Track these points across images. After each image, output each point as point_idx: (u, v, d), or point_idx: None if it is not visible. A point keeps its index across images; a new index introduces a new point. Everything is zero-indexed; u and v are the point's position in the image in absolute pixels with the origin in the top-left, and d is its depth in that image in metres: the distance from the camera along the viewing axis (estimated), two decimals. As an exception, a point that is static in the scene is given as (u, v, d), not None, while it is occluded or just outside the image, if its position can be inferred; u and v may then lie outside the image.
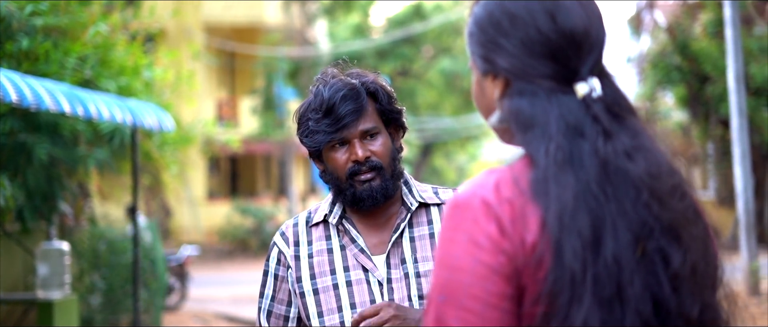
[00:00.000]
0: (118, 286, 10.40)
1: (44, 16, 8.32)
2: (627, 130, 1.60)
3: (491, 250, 1.53)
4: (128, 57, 9.42)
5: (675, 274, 1.55)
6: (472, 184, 1.59)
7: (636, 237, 1.54)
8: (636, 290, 1.52)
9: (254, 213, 26.12)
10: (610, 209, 1.53)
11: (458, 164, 66.68)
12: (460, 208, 1.57)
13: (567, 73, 1.61)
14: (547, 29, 1.61)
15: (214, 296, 16.71)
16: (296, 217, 2.75)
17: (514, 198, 1.55)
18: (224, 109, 30.40)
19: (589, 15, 1.64)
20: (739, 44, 9.80)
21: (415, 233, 2.66)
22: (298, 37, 28.99)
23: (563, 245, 1.51)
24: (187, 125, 12.79)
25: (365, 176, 2.60)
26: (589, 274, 1.50)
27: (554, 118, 1.58)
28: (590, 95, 1.60)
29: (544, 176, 1.55)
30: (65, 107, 6.76)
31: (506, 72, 1.64)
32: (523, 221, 1.53)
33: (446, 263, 1.55)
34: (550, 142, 1.56)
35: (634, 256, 1.53)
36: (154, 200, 21.89)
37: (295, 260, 2.67)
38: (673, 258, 1.56)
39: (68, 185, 9.65)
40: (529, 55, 1.62)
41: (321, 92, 2.63)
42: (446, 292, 1.54)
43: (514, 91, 1.63)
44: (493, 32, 1.65)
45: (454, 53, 35.23)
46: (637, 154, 1.58)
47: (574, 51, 1.62)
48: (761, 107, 16.53)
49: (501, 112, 1.65)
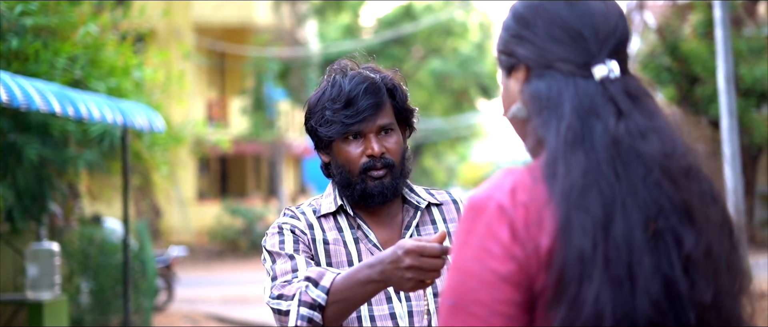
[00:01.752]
0: (108, 287, 10.38)
1: (34, 16, 8.30)
2: (643, 111, 1.61)
3: (501, 258, 1.53)
4: (118, 57, 9.40)
5: (687, 255, 1.54)
6: (488, 186, 1.60)
7: (647, 216, 1.53)
8: (645, 270, 1.51)
9: (244, 213, 26.09)
10: (620, 188, 1.53)
11: (448, 165, 66.70)
12: (474, 210, 1.58)
13: (586, 56, 1.63)
14: (567, 14, 1.65)
15: (204, 297, 16.68)
16: (299, 207, 2.68)
17: (530, 201, 1.55)
18: (214, 109, 30.35)
19: (608, 6, 1.68)
20: (729, 45, 9.82)
21: (422, 232, 2.65)
22: (288, 37, 28.97)
23: (572, 223, 1.50)
24: (177, 125, 12.76)
25: (378, 173, 2.58)
26: (600, 252, 1.50)
27: (568, 97, 1.59)
28: (608, 77, 1.62)
29: (554, 157, 1.55)
30: (56, 107, 6.74)
31: (526, 60, 1.66)
32: (539, 224, 1.53)
33: (458, 266, 1.56)
34: (561, 122, 1.57)
35: (644, 236, 1.52)
36: (143, 201, 21.84)
37: (312, 242, 2.60)
38: (686, 239, 1.55)
39: (58, 186, 9.62)
40: (549, 40, 1.65)
41: (339, 83, 2.60)
42: (455, 296, 1.55)
43: (533, 76, 1.65)
44: (517, 27, 1.69)
45: (444, 54, 35.24)
46: (652, 134, 1.58)
47: (592, 35, 1.64)
48: (751, 108, 16.59)
49: (521, 100, 1.67)
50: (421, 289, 2.28)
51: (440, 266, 2.23)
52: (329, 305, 2.35)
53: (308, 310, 2.35)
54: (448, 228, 2.68)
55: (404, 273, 2.23)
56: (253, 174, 34.42)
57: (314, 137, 2.66)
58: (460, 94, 38.38)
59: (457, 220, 2.70)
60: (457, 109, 40.81)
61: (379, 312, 2.54)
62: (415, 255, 2.21)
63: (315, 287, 2.35)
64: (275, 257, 2.54)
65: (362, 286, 2.31)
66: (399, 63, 31.78)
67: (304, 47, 30.53)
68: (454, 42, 34.89)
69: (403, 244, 2.24)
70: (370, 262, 2.31)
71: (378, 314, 2.54)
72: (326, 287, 2.34)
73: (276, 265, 2.52)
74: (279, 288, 2.44)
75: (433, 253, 2.21)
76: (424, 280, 2.24)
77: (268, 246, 2.57)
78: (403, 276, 2.23)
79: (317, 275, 2.37)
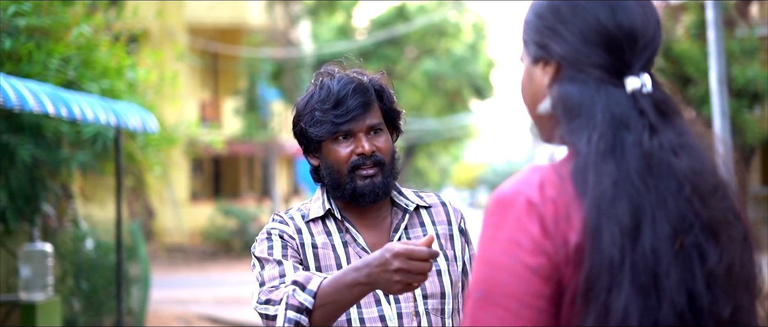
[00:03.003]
0: (101, 288, 10.36)
1: (27, 17, 8.29)
2: (673, 128, 1.62)
3: (532, 251, 1.54)
4: (111, 58, 9.38)
5: (710, 271, 1.56)
6: (516, 181, 1.60)
7: (675, 230, 1.55)
8: (672, 282, 1.53)
9: (237, 214, 26.08)
10: (650, 200, 1.55)
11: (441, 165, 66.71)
12: (503, 205, 1.58)
13: (620, 66, 1.63)
14: (607, 20, 1.64)
15: (197, 297, 16.68)
16: (287, 212, 2.69)
17: (558, 196, 1.56)
18: (207, 110, 30.33)
19: (648, 15, 1.67)
20: (722, 46, 9.84)
21: (411, 235, 2.66)
22: (282, 38, 28.96)
23: (601, 231, 1.52)
24: (170, 126, 12.75)
25: (368, 171, 2.60)
26: (628, 261, 1.51)
27: (601, 108, 1.60)
28: (640, 90, 1.62)
29: (585, 164, 1.56)
30: (49, 108, 6.73)
31: (559, 57, 1.65)
32: (568, 220, 1.55)
33: (487, 260, 1.57)
34: (593, 131, 1.58)
35: (671, 249, 1.54)
36: (137, 201, 21.82)
37: (301, 247, 2.61)
38: (710, 255, 1.57)
39: (51, 187, 9.61)
40: (584, 43, 1.64)
41: (327, 84, 2.63)
42: (485, 289, 1.56)
43: (564, 77, 1.64)
44: (552, 18, 1.67)
45: (437, 54, 35.26)
46: (682, 151, 1.60)
47: (629, 45, 1.64)
48: (743, 109, 16.61)
49: (551, 99, 1.66)
50: (409, 292, 2.30)
51: (428, 269, 2.24)
52: (316, 308, 2.36)
53: (295, 313, 2.36)
54: (436, 230, 2.69)
55: (392, 276, 2.24)
56: (246, 175, 34.41)
57: (303, 140, 2.67)
58: (453, 94, 38.41)
59: (445, 223, 2.71)
60: (450, 110, 40.83)
61: (369, 314, 2.55)
62: (404, 258, 2.23)
63: (302, 291, 2.37)
64: (264, 263, 2.55)
65: (349, 289, 2.32)
66: (392, 64, 31.81)
67: (297, 48, 30.53)
68: (447, 43, 34.92)
69: (391, 247, 2.25)
70: (356, 265, 2.32)
71: (367, 317, 2.55)
72: (313, 291, 2.36)
73: (264, 271, 2.53)
74: (266, 293, 2.46)
75: (421, 256, 2.22)
76: (412, 283, 2.25)
77: (257, 252, 2.59)
78: (391, 279, 2.24)
79: (304, 279, 2.38)
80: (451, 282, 2.63)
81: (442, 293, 2.61)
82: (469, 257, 2.72)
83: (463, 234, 2.73)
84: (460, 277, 2.68)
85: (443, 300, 2.61)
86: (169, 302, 15.46)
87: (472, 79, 37.24)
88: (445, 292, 2.62)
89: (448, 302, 2.62)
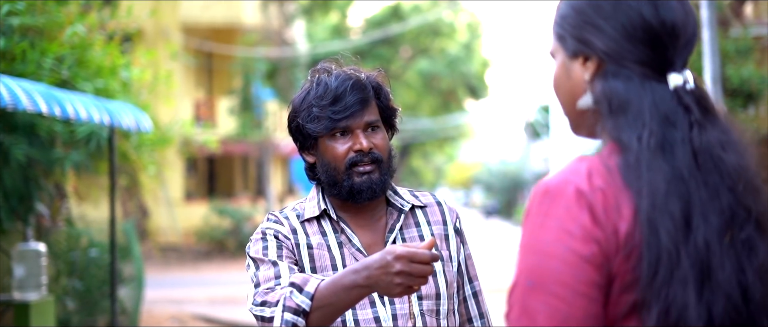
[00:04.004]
0: (95, 288, 10.35)
1: (21, 16, 8.27)
2: (717, 125, 1.64)
3: (583, 239, 1.55)
4: (105, 57, 9.37)
5: (761, 264, 1.59)
6: (563, 172, 1.61)
7: (725, 224, 1.57)
8: (726, 275, 1.55)
9: (232, 214, 26.06)
10: (701, 196, 1.57)
11: (436, 165, 66.75)
12: (552, 194, 1.59)
13: (662, 62, 1.65)
14: (650, 16, 1.64)
15: (192, 297, 16.66)
16: (282, 211, 2.67)
17: (607, 186, 1.57)
18: (202, 109, 30.30)
19: (687, 12, 1.68)
20: (716, 46, 9.85)
21: (406, 235, 2.65)
22: (276, 37, 28.95)
23: (658, 227, 1.53)
24: (164, 126, 12.73)
25: (365, 168, 2.59)
26: (683, 256, 1.53)
27: (648, 104, 1.61)
28: (683, 87, 1.64)
29: (637, 161, 1.58)
30: (42, 107, 6.72)
31: (602, 53, 1.66)
32: (617, 210, 1.56)
33: (536, 249, 1.57)
34: (643, 129, 1.59)
35: (722, 243, 1.56)
36: (131, 201, 21.78)
37: (296, 247, 2.59)
38: (760, 249, 1.59)
39: (45, 186, 9.59)
40: (627, 39, 1.64)
41: (325, 81, 2.62)
42: (534, 277, 1.56)
43: (608, 73, 1.65)
44: (593, 14, 1.67)
45: (431, 54, 35.29)
46: (729, 147, 1.62)
47: (671, 41, 1.65)
48: (737, 108, 16.64)
49: (593, 94, 1.67)
50: (409, 294, 2.28)
51: (429, 273, 2.23)
52: (313, 311, 2.34)
53: (292, 315, 2.34)
54: (431, 230, 2.68)
55: (393, 278, 2.22)
56: (240, 174, 34.39)
57: (299, 137, 2.65)
58: (447, 94, 38.45)
59: (441, 223, 2.70)
60: (445, 110, 40.87)
61: (363, 316, 2.54)
62: (406, 261, 2.21)
63: (299, 293, 2.35)
64: (259, 264, 2.53)
65: (347, 291, 2.30)
66: (387, 63, 31.82)
67: (291, 47, 30.52)
68: (441, 42, 34.96)
69: (393, 249, 2.23)
70: (355, 267, 2.30)
71: (362, 318, 2.54)
72: (311, 293, 2.34)
73: (259, 272, 2.51)
74: (262, 295, 2.44)
75: (424, 259, 2.21)
76: (413, 286, 2.24)
77: (252, 253, 2.57)
78: (392, 281, 2.23)
79: (302, 281, 2.36)
80: (446, 283, 2.62)
81: (438, 294, 2.60)
82: (464, 257, 2.71)
83: (458, 234, 2.72)
84: (455, 277, 2.67)
85: (438, 301, 2.60)
86: (163, 302, 15.45)
87: (466, 79, 37.28)
88: (440, 293, 2.60)
89: (443, 303, 2.61)
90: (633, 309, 1.56)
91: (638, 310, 1.55)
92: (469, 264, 2.72)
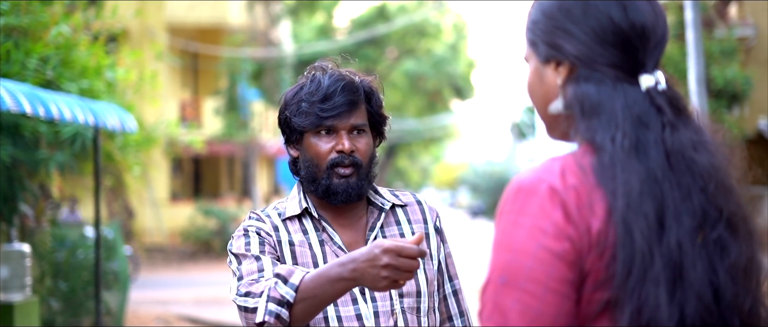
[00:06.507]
0: (79, 288, 10.32)
1: (5, 16, 8.25)
2: (689, 125, 1.65)
3: (556, 236, 1.56)
4: (90, 57, 9.35)
5: (732, 265, 1.60)
6: (537, 170, 1.62)
7: (698, 225, 1.59)
8: (698, 275, 1.57)
9: (217, 214, 26.03)
10: (674, 196, 1.58)
11: (422, 165, 66.77)
12: (525, 192, 1.60)
13: (633, 64, 1.66)
14: (619, 19, 1.65)
15: (177, 298, 16.63)
16: (264, 210, 2.69)
17: (580, 185, 1.59)
18: (187, 110, 30.25)
19: (657, 13, 1.69)
20: (701, 47, 9.88)
21: (387, 233, 2.67)
22: (262, 38, 28.92)
23: (632, 227, 1.55)
24: (149, 126, 12.72)
25: (345, 170, 2.60)
26: (657, 256, 1.55)
27: (620, 106, 1.62)
28: (655, 88, 1.65)
29: (611, 161, 1.59)
30: (26, 108, 6.70)
31: (574, 58, 1.67)
32: (590, 208, 1.57)
33: (508, 246, 1.58)
34: (617, 130, 1.60)
35: (695, 243, 1.58)
36: (116, 202, 21.74)
37: (278, 244, 2.61)
38: (731, 249, 1.61)
39: (29, 187, 9.57)
40: (598, 42, 1.65)
41: (319, 79, 2.65)
42: (507, 274, 1.57)
43: (580, 77, 1.66)
44: (563, 18, 1.68)
45: (417, 55, 35.31)
46: (701, 148, 1.63)
47: (642, 43, 1.66)
48: (722, 109, 16.70)
49: (564, 99, 1.68)
50: (394, 289, 2.29)
51: (415, 267, 2.24)
52: (297, 302, 2.34)
53: (276, 306, 2.35)
54: (412, 229, 2.70)
55: (380, 271, 2.23)
56: (226, 175, 34.34)
57: (286, 130, 2.68)
58: (433, 94, 38.48)
59: (421, 221, 2.72)
60: (431, 110, 40.91)
61: (346, 313, 2.56)
62: (393, 254, 2.22)
63: (284, 284, 2.36)
64: (241, 258, 2.55)
65: (332, 284, 2.31)
66: (373, 64, 31.83)
67: (277, 48, 30.50)
68: (427, 43, 34.97)
69: (380, 243, 2.25)
70: (341, 260, 2.31)
71: (344, 315, 2.56)
72: (295, 284, 2.35)
73: (242, 266, 2.52)
74: (247, 286, 2.45)
75: (411, 254, 2.23)
76: (398, 280, 2.25)
77: (234, 249, 2.58)
78: (379, 274, 2.24)
79: (287, 272, 2.38)
80: (426, 280, 2.64)
81: (418, 292, 2.62)
82: (444, 256, 2.73)
83: (438, 232, 2.74)
84: (436, 275, 2.69)
85: (419, 298, 2.62)
86: (148, 303, 15.41)
87: (452, 80, 37.31)
88: (420, 291, 2.62)
89: (424, 301, 2.63)
90: (606, 308, 1.57)
91: (611, 309, 1.56)
92: (449, 262, 2.74)
